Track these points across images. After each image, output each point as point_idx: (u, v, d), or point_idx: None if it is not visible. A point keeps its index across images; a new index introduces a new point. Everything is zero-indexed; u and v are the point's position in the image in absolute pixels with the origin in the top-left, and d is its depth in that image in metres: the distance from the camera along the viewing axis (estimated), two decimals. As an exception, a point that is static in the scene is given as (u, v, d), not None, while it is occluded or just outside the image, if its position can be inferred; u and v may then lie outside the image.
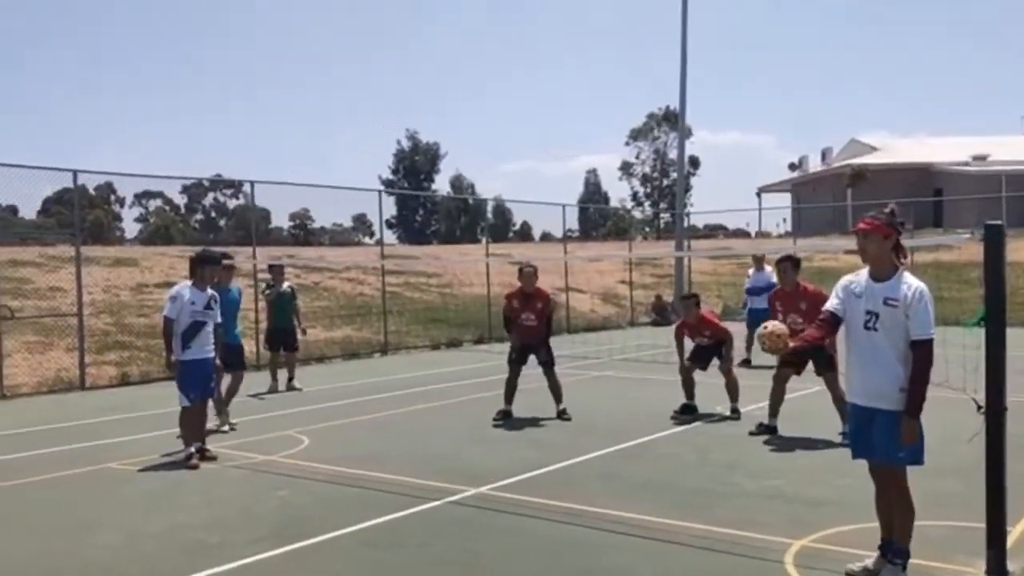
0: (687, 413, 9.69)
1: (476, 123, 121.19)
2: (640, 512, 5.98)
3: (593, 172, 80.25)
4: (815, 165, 60.30)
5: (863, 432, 4.59)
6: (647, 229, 64.11)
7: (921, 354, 4.40)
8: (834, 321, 4.73)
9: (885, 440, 4.47)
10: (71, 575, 5.06)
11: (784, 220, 51.51)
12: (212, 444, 8.32)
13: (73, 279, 14.30)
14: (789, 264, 8.82)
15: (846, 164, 52.22)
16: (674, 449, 8.15)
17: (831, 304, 4.75)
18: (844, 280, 4.75)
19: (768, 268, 14.70)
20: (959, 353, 7.86)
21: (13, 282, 16.73)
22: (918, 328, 4.41)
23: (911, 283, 4.48)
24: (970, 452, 4.97)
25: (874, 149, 55.01)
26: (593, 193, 76.81)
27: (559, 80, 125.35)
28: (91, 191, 53.01)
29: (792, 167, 64.05)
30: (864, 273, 4.65)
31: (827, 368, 8.29)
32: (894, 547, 4.55)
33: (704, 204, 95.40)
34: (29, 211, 32.83)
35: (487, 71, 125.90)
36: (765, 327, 5.08)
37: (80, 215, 15.19)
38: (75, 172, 14.03)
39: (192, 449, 7.86)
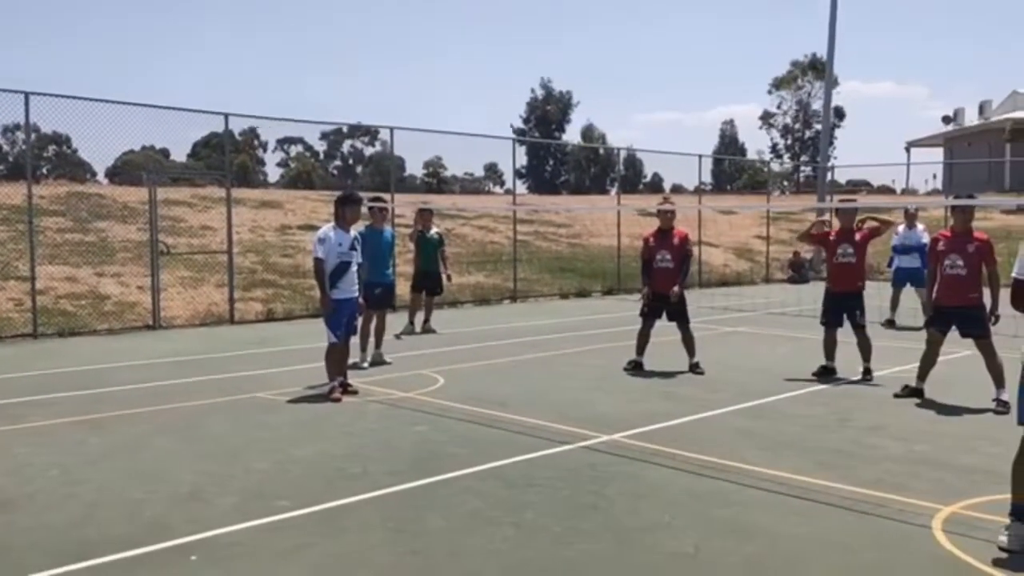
0: (825, 375, 9.37)
1: (610, 72, 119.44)
2: (779, 469, 5.85)
3: (730, 123, 78.08)
4: (971, 119, 56.42)
5: None
6: (785, 183, 61.92)
7: None
8: None
9: None
10: (228, 495, 5.37)
11: (934, 176, 48.65)
12: (353, 379, 8.64)
13: (222, 219, 15.05)
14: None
15: (1006, 118, 48.65)
16: (812, 409, 7.91)
17: None
18: None
19: (920, 226, 13.96)
20: None
21: (168, 220, 17.72)
22: None
23: None
24: None
25: (1037, 102, 50.93)
26: (729, 145, 74.77)
27: (700, 27, 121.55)
28: (236, 136, 55.37)
29: (946, 120, 60.09)
30: None
31: (981, 333, 7.82)
32: None
33: (849, 158, 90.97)
34: (179, 154, 34.74)
35: (623, 17, 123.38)
36: None
37: (229, 158, 15.85)
38: (226, 115, 14.60)
39: (335, 383, 8.20)
